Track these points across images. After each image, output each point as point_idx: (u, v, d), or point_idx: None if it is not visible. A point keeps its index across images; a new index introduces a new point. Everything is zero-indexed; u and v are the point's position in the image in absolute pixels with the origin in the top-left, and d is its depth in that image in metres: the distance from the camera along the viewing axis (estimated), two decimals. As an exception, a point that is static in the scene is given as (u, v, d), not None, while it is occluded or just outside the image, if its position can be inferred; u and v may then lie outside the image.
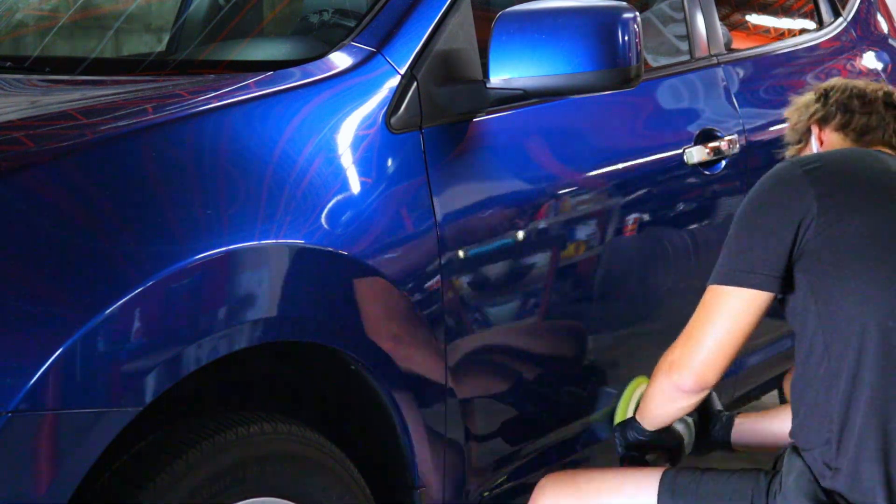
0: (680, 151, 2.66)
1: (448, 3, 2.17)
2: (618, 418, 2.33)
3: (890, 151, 2.16)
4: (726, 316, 1.98)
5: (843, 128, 2.21)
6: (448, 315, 2.08)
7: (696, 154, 2.68)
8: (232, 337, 1.72)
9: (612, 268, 2.52)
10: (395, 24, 2.12)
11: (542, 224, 2.32)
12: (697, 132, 2.73)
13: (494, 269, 2.22)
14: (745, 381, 2.99)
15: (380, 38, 2.11)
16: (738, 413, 2.43)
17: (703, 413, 2.37)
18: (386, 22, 2.14)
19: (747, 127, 2.89)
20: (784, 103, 3.09)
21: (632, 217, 2.56)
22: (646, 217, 2.60)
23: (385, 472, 2.09)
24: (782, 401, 2.67)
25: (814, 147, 2.24)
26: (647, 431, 2.22)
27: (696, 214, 2.77)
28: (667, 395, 2.09)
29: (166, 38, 3.06)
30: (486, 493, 2.29)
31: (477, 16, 2.22)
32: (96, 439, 1.55)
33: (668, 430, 2.25)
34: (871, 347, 1.87)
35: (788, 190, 1.95)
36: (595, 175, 2.45)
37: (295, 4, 2.98)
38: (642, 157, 2.59)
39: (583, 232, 2.42)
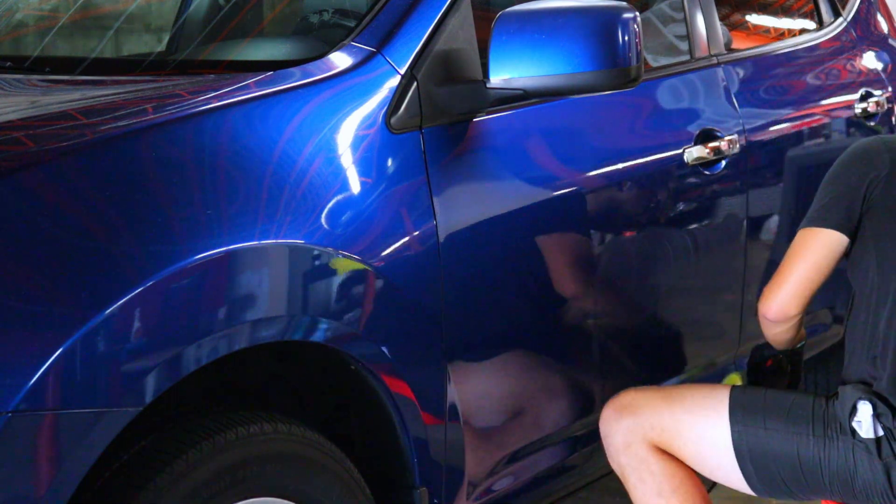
0: (680, 151, 2.66)
1: (448, 3, 2.17)
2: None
3: None
4: (808, 256, 2.29)
5: None
6: (448, 315, 2.08)
7: (696, 154, 2.68)
8: (232, 337, 1.72)
9: (612, 267, 2.52)
10: (395, 24, 2.12)
11: (541, 224, 2.31)
12: (697, 132, 2.73)
13: (494, 269, 2.22)
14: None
15: (380, 38, 2.11)
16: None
17: (754, 362, 2.60)
18: (386, 22, 2.14)
19: (747, 127, 2.89)
20: (784, 103, 3.11)
21: (632, 217, 2.56)
22: (646, 217, 2.60)
23: (385, 472, 2.09)
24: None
25: None
26: (776, 350, 2.51)
27: (696, 214, 2.77)
28: (763, 322, 2.39)
29: (166, 38, 3.06)
30: (486, 494, 2.29)
31: (477, 16, 2.22)
32: (96, 439, 1.55)
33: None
34: None
35: (869, 156, 2.30)
36: (595, 175, 2.45)
37: (295, 4, 2.98)
38: (642, 157, 2.59)
39: (583, 232, 2.42)
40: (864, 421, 2.15)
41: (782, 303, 2.33)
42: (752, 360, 2.60)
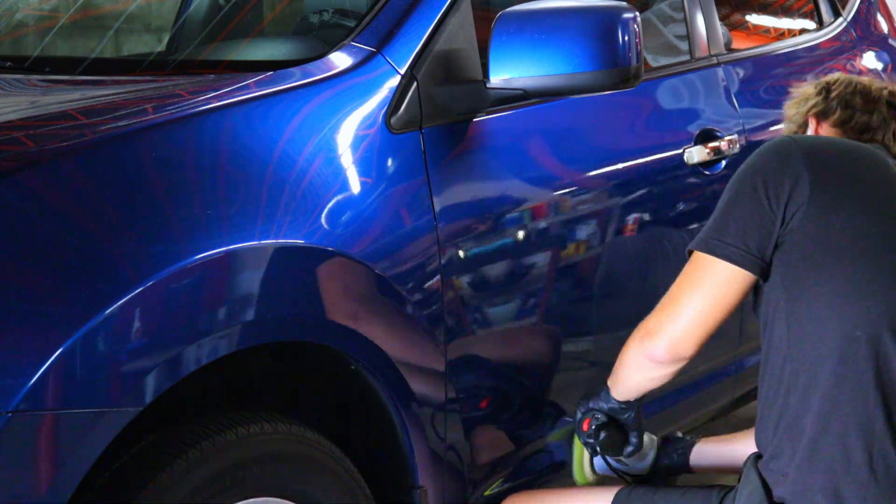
0: (680, 151, 2.66)
1: (448, 3, 2.17)
2: (576, 450, 2.32)
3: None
4: (707, 287, 1.89)
5: (842, 124, 2.15)
6: (448, 315, 2.08)
7: (696, 154, 2.68)
8: (232, 337, 1.72)
9: (612, 268, 2.52)
10: (395, 24, 2.12)
11: (542, 224, 2.32)
12: (697, 132, 2.73)
13: (494, 269, 2.22)
14: (745, 380, 2.99)
15: (380, 38, 2.11)
16: (700, 438, 2.37)
17: (666, 435, 2.36)
18: (386, 22, 2.14)
19: (747, 127, 2.89)
20: (784, 103, 3.09)
21: (632, 217, 2.56)
22: (646, 217, 2.60)
23: (385, 472, 2.09)
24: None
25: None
26: (615, 402, 2.15)
27: (696, 214, 2.77)
28: (639, 363, 2.01)
29: (166, 38, 3.06)
30: (485, 494, 2.29)
31: (477, 16, 2.22)
32: (96, 439, 1.55)
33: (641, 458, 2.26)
34: (832, 353, 1.80)
35: (785, 168, 1.86)
36: (595, 175, 2.45)
37: (295, 4, 2.98)
38: (642, 157, 2.59)
39: (583, 232, 2.42)
40: None
41: (677, 344, 1.92)
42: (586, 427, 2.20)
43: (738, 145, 2.81)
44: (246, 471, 1.76)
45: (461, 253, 2.11)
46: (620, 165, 2.52)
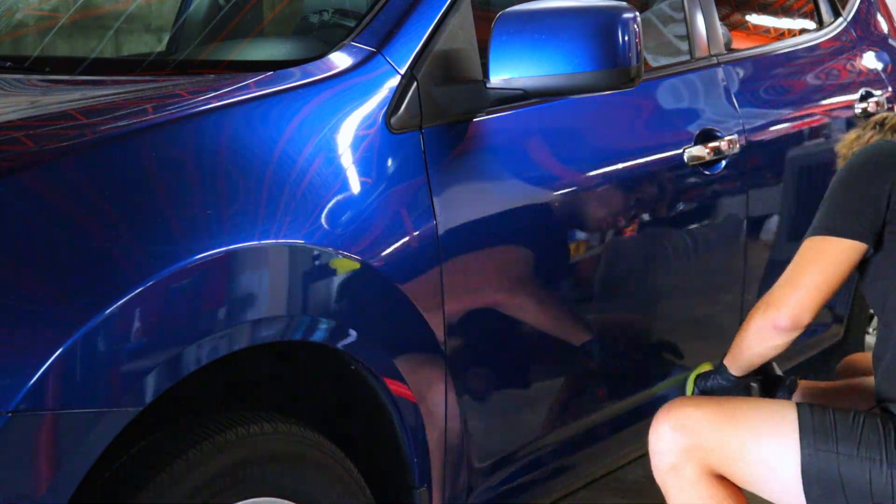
0: (680, 151, 2.66)
1: (448, 3, 2.17)
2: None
3: None
4: (824, 264, 2.18)
5: None
6: (448, 315, 2.08)
7: (696, 154, 2.68)
8: (232, 337, 1.72)
9: (612, 268, 2.52)
10: (395, 24, 2.12)
11: (542, 224, 2.31)
12: (697, 132, 2.73)
13: (494, 269, 2.22)
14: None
15: (380, 38, 2.11)
16: (799, 381, 2.48)
17: (765, 380, 2.42)
18: (386, 22, 2.14)
19: (747, 127, 2.89)
20: (784, 103, 3.10)
21: (632, 217, 2.56)
22: (646, 217, 2.60)
23: (385, 472, 2.09)
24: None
25: None
26: (733, 378, 2.36)
27: (696, 214, 2.77)
28: (762, 333, 2.24)
29: (166, 38, 3.06)
30: (486, 493, 2.29)
31: (477, 16, 2.22)
32: (96, 439, 1.55)
33: (745, 388, 2.38)
34: None
35: (885, 161, 2.21)
36: (595, 175, 2.45)
37: (295, 4, 2.98)
38: (642, 157, 2.59)
39: (583, 232, 2.43)
40: None
41: (798, 311, 2.19)
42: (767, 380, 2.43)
43: (737, 145, 2.81)
44: (246, 471, 1.76)
45: (461, 253, 2.11)
46: (620, 165, 2.52)
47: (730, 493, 2.19)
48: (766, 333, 2.24)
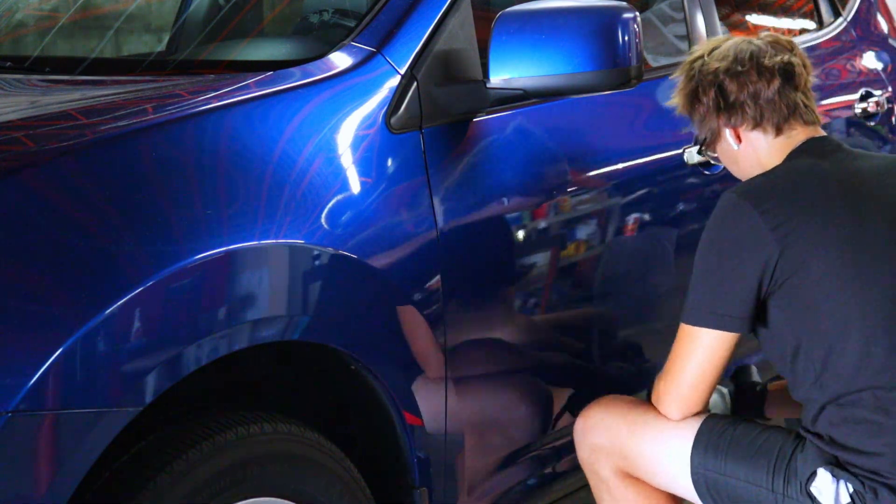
0: (680, 151, 2.66)
1: (448, 3, 2.17)
2: None
3: (817, 131, 2.17)
4: (699, 354, 2.07)
5: (756, 127, 2.15)
6: (448, 315, 2.08)
7: (695, 154, 2.68)
8: (232, 337, 1.72)
9: (612, 268, 2.52)
10: (395, 24, 2.12)
11: (541, 224, 2.32)
12: (697, 132, 2.73)
13: (494, 269, 2.22)
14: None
15: (380, 38, 2.11)
16: (772, 382, 2.45)
17: (738, 385, 2.42)
18: (386, 22, 2.14)
19: (747, 127, 2.88)
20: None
21: (632, 217, 2.56)
22: (646, 217, 2.60)
23: (385, 472, 2.09)
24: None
25: (732, 145, 2.19)
26: None
27: (695, 214, 2.77)
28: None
29: (166, 38, 3.06)
30: (486, 494, 2.29)
31: (477, 16, 2.22)
32: (96, 439, 1.55)
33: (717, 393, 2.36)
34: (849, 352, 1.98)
35: (747, 232, 2.01)
36: (595, 175, 2.45)
37: (295, 4, 2.98)
38: (642, 157, 2.59)
39: (583, 232, 2.42)
40: (825, 491, 1.96)
41: (683, 405, 2.11)
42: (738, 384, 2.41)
43: (738, 145, 2.81)
44: (246, 471, 1.76)
45: (461, 253, 2.11)
46: (620, 165, 2.52)
47: (640, 494, 2.19)
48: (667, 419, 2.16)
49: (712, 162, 2.32)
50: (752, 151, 2.17)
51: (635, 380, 2.69)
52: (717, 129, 2.19)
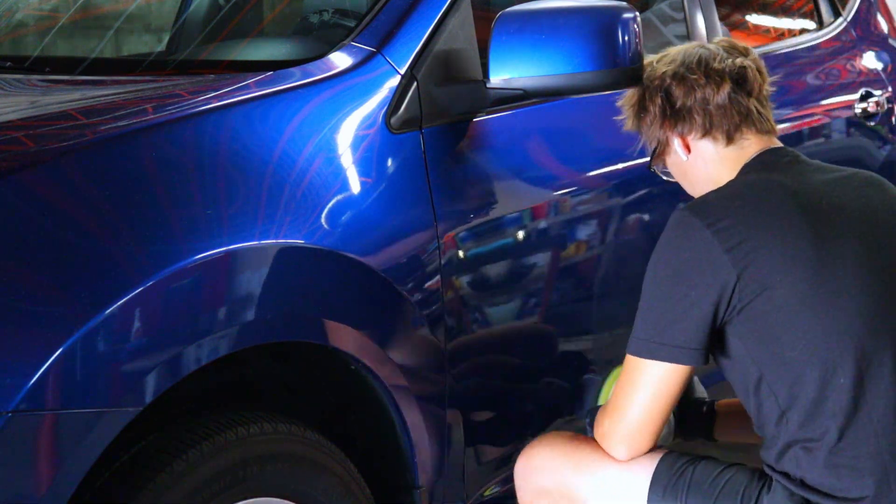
0: (680, 151, 2.66)
1: (448, 3, 2.17)
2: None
3: (772, 141, 2.01)
4: (647, 388, 1.87)
5: (706, 135, 2.00)
6: (448, 315, 2.08)
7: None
8: (232, 337, 1.72)
9: (612, 268, 2.52)
10: (395, 24, 2.12)
11: (542, 224, 2.32)
12: (697, 132, 2.72)
13: (494, 269, 2.22)
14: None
15: (380, 38, 2.11)
16: (718, 401, 2.25)
17: (682, 403, 2.21)
18: (386, 22, 2.14)
19: (747, 127, 2.88)
20: (784, 103, 3.09)
21: (632, 217, 2.56)
22: (646, 217, 2.60)
23: (385, 472, 2.09)
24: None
25: (681, 155, 2.03)
26: None
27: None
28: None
29: (166, 38, 3.06)
30: (485, 494, 2.29)
31: (477, 16, 2.22)
32: (96, 439, 1.55)
33: None
34: (809, 391, 1.82)
35: (700, 254, 1.83)
36: (595, 175, 2.45)
37: (295, 4, 2.98)
38: (642, 157, 2.58)
39: (583, 232, 2.42)
40: None
41: (630, 444, 1.91)
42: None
43: (738, 145, 2.81)
44: (246, 471, 1.76)
45: (461, 253, 2.11)
46: (620, 165, 2.51)
47: None
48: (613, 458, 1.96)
49: (664, 178, 2.14)
50: (701, 163, 2.01)
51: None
52: (664, 139, 2.03)
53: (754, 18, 3.49)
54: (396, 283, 1.98)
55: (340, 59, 2.08)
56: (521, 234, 2.26)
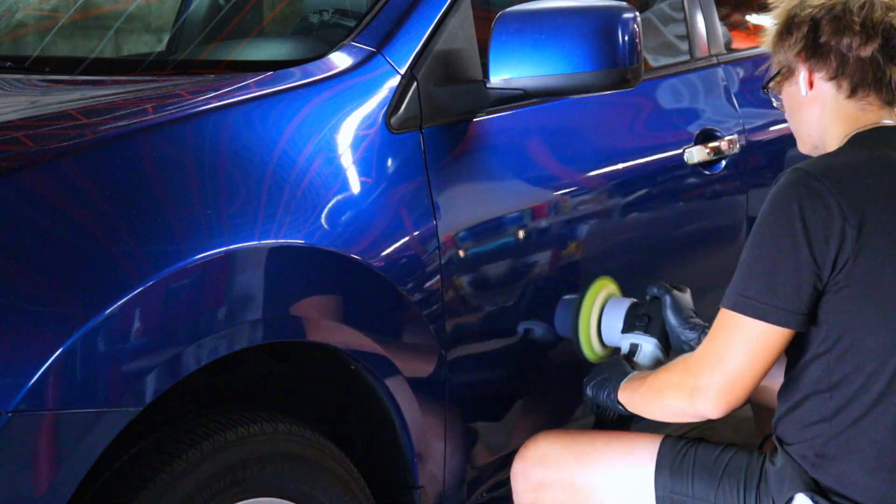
0: (680, 151, 2.66)
1: (448, 3, 2.17)
2: (582, 324, 2.23)
3: (891, 115, 1.93)
4: (748, 345, 1.81)
5: (833, 79, 1.92)
6: (448, 315, 2.08)
7: (696, 154, 2.68)
8: (232, 337, 1.72)
9: (611, 267, 2.52)
10: (395, 24, 2.13)
11: (542, 224, 2.32)
12: (697, 132, 2.73)
13: (494, 269, 2.22)
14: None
15: (380, 38, 2.11)
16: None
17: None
18: (386, 22, 2.14)
19: (747, 127, 2.88)
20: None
21: (632, 217, 2.56)
22: (646, 217, 2.60)
23: (385, 472, 2.09)
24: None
25: (801, 89, 1.95)
26: (622, 408, 2.07)
27: (696, 214, 2.77)
28: (681, 414, 1.92)
29: (166, 38, 3.06)
30: (485, 494, 2.29)
31: (477, 16, 2.22)
32: (96, 439, 1.55)
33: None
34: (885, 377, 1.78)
35: (820, 220, 1.76)
36: (595, 175, 2.45)
37: (295, 4, 2.98)
38: (642, 157, 2.59)
39: (583, 231, 2.42)
40: None
41: (732, 400, 1.84)
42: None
43: (737, 145, 2.81)
44: (246, 471, 1.76)
45: (461, 253, 2.11)
46: (620, 165, 2.51)
47: None
48: (684, 415, 1.92)
49: (773, 103, 2.07)
50: (818, 106, 1.94)
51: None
52: (793, 67, 1.96)
53: (754, 18, 3.49)
54: (396, 283, 1.98)
55: (340, 59, 2.08)
56: (520, 234, 2.26)
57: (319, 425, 1.97)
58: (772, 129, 3.01)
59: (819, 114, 1.95)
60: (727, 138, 2.78)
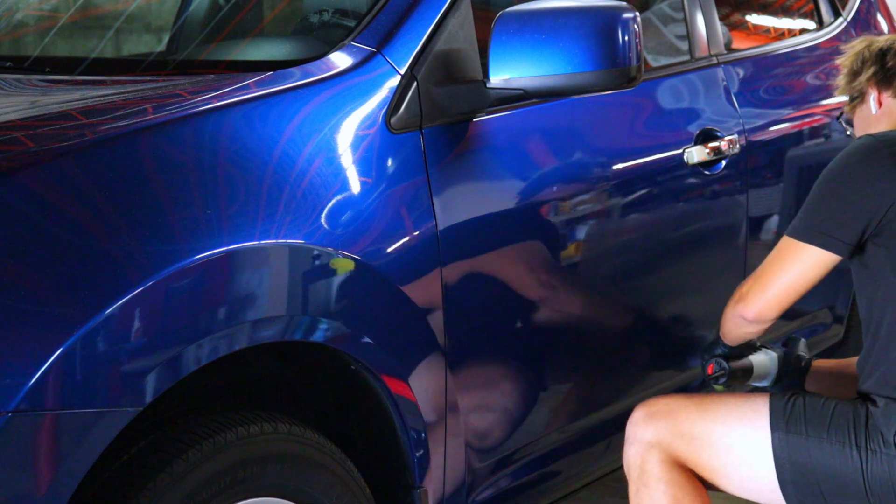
0: (680, 151, 2.66)
1: (448, 3, 2.17)
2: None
3: None
4: (796, 268, 2.21)
5: None
6: (448, 314, 2.08)
7: (696, 154, 2.68)
8: (232, 337, 1.72)
9: (611, 268, 2.52)
10: (395, 24, 2.13)
11: (541, 224, 2.32)
12: (697, 132, 2.73)
13: (494, 269, 2.22)
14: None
15: (380, 38, 2.11)
16: (816, 359, 2.57)
17: (787, 353, 2.52)
18: (386, 22, 2.14)
19: (747, 127, 2.89)
20: (784, 103, 3.10)
21: (632, 217, 2.56)
22: (646, 217, 2.60)
23: (385, 472, 2.09)
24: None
25: (872, 108, 2.39)
26: (727, 347, 2.47)
27: (696, 214, 2.77)
28: (734, 321, 2.36)
29: (166, 38, 3.06)
30: (486, 494, 2.29)
31: (477, 16, 2.22)
32: (96, 439, 1.55)
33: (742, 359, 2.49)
34: None
35: (876, 169, 2.15)
36: (595, 175, 2.45)
37: (295, 4, 2.98)
38: (642, 157, 2.59)
39: (583, 232, 2.43)
40: None
41: (764, 307, 2.27)
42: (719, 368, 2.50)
43: (737, 145, 2.81)
44: (246, 471, 1.76)
45: (461, 253, 2.11)
46: (620, 165, 2.52)
47: (692, 493, 2.19)
48: (736, 321, 2.35)
49: (844, 127, 2.55)
50: (885, 118, 2.37)
51: (635, 378, 2.69)
52: (865, 92, 2.40)
53: (754, 18, 3.49)
54: (396, 283, 1.98)
55: (340, 59, 2.08)
56: (520, 234, 2.26)
57: (319, 425, 1.97)
58: (772, 129, 3.01)
59: (885, 125, 2.37)
60: (727, 138, 2.78)
